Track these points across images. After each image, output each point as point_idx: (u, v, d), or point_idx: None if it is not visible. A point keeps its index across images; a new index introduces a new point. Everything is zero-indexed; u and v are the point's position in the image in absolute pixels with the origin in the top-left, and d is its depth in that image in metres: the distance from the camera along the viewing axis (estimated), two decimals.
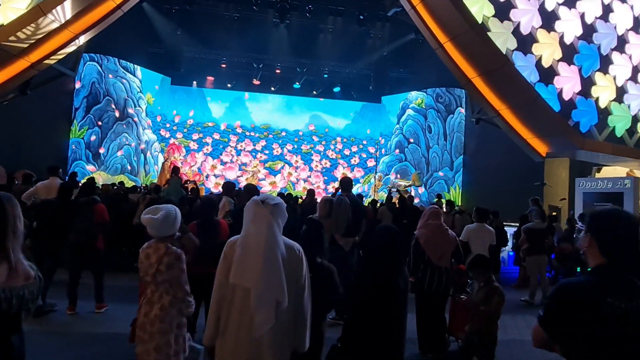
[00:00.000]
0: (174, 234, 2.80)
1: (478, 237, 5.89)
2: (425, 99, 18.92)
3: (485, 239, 5.96)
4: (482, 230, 5.96)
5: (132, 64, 17.84)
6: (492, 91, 10.33)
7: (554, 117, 10.05)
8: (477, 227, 5.96)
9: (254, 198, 2.37)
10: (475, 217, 6.17)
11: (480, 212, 6.10)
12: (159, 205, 2.77)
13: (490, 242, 6.04)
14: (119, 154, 17.37)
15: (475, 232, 5.90)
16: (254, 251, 2.19)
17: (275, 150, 21.02)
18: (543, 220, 7.33)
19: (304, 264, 2.37)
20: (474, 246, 5.83)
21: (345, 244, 5.07)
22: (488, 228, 6.08)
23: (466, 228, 6.01)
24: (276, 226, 2.28)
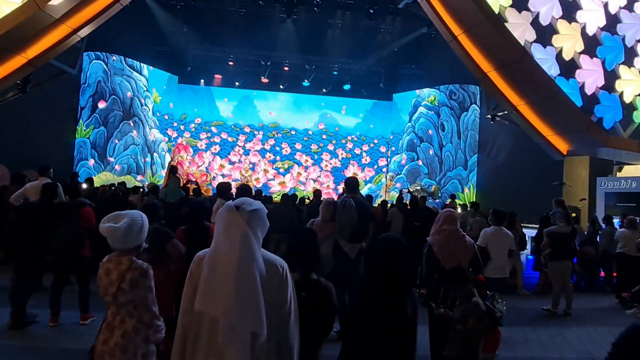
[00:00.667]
0: (140, 245, 2.36)
1: (497, 242, 5.39)
2: (438, 96, 18.34)
3: (504, 244, 5.47)
4: (501, 234, 5.47)
5: (139, 62, 17.55)
6: (510, 86, 9.77)
7: (576, 112, 9.46)
8: (495, 230, 5.46)
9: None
10: (492, 220, 5.67)
11: (497, 215, 5.59)
12: (123, 212, 2.33)
13: (509, 246, 5.55)
14: (125, 154, 17.09)
15: (493, 236, 5.40)
16: (225, 271, 1.74)
17: (284, 150, 20.60)
18: (568, 223, 6.78)
19: (289, 284, 1.92)
20: (494, 252, 5.33)
21: (350, 251, 4.61)
22: (506, 232, 5.58)
23: (484, 232, 5.51)
24: (254, 239, 1.82)
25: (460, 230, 3.95)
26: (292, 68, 18.38)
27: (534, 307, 7.32)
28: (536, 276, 8.86)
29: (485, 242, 5.34)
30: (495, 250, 5.30)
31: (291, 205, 8.03)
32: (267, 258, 1.89)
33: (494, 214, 5.67)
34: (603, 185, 13.42)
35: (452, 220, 3.95)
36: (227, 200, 5.32)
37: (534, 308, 7.11)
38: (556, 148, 10.40)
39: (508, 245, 5.50)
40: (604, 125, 10.00)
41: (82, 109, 16.29)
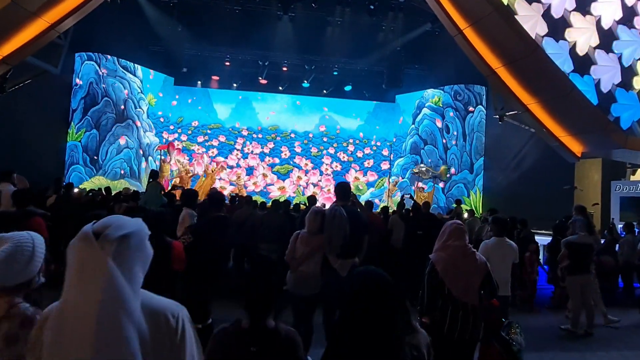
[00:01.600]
0: (30, 281, 1.71)
1: (498, 255, 4.73)
2: (443, 97, 17.67)
3: (507, 257, 4.82)
4: (503, 246, 4.81)
5: (133, 63, 17.01)
6: (520, 83, 9.10)
7: (592, 111, 8.77)
8: (497, 242, 4.80)
9: (82, 230, 1.27)
10: (494, 230, 5.00)
11: (498, 224, 4.92)
12: (5, 234, 1.69)
13: (513, 260, 4.90)
14: (118, 158, 16.51)
15: (495, 248, 4.73)
16: (79, 333, 1.10)
17: (283, 153, 19.97)
18: (590, 233, 6.08)
19: (188, 340, 1.27)
20: (495, 266, 4.66)
21: (341, 268, 3.95)
22: (509, 243, 4.92)
23: (484, 244, 4.83)
24: (124, 281, 1.18)
25: (469, 246, 3.28)
26: (291, 68, 17.76)
27: (550, 324, 6.63)
28: (550, 289, 8.16)
29: (485, 255, 4.68)
30: (497, 264, 4.63)
31: (283, 212, 7.38)
32: (151, 306, 1.25)
33: (495, 223, 5.00)
34: (618, 190, 12.72)
35: (459, 234, 3.29)
36: (194, 210, 4.70)
37: (551, 326, 6.41)
38: (570, 150, 9.70)
39: (511, 258, 4.86)
40: (621, 125, 9.30)
41: (73, 111, 15.76)
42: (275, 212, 7.04)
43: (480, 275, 3.23)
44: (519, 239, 8.34)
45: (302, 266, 4.03)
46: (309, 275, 4.03)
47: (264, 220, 6.95)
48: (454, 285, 3.15)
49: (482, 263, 3.25)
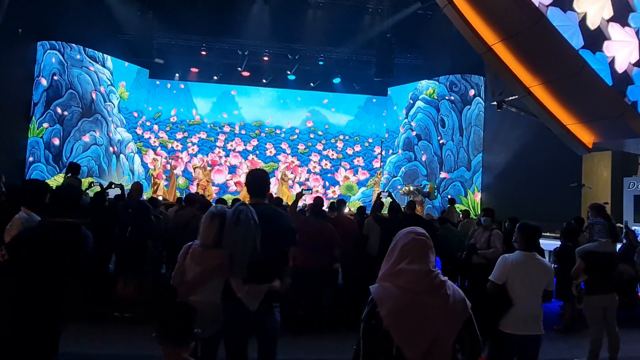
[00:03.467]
0: None
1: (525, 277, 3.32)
2: (438, 88, 16.33)
3: (538, 282, 3.34)
4: (533, 266, 3.36)
5: (101, 54, 15.72)
6: (520, 61, 7.76)
7: (606, 93, 7.42)
8: (524, 259, 3.37)
9: None
10: (519, 241, 3.45)
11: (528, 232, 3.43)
12: None
13: (547, 285, 3.40)
14: (85, 155, 15.21)
15: (520, 267, 3.33)
16: None
17: (268, 151, 18.66)
18: (614, 240, 4.73)
19: None
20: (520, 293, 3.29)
21: (249, 298, 2.60)
22: (541, 261, 3.43)
23: (502, 262, 3.41)
24: None
25: (436, 272, 1.94)
26: (273, 59, 16.43)
27: (560, 354, 5.30)
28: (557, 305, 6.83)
29: (504, 276, 3.32)
30: (523, 290, 3.28)
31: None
32: None
33: (523, 231, 3.47)
34: (631, 187, 11.42)
35: (419, 250, 1.96)
36: (34, 211, 3.34)
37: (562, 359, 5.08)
38: (579, 140, 8.33)
39: (544, 283, 3.38)
40: (639, 110, 7.93)
41: (35, 104, 14.48)
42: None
43: (455, 323, 1.89)
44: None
45: (194, 294, 2.72)
46: (205, 308, 2.71)
47: (187, 223, 5.63)
48: (407, 340, 1.81)
49: (458, 301, 1.91)
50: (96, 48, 15.39)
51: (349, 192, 18.51)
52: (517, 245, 3.44)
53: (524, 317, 3.24)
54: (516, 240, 3.46)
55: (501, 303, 3.24)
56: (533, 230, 3.47)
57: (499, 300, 3.26)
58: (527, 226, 3.49)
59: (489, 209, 6.63)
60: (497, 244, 5.98)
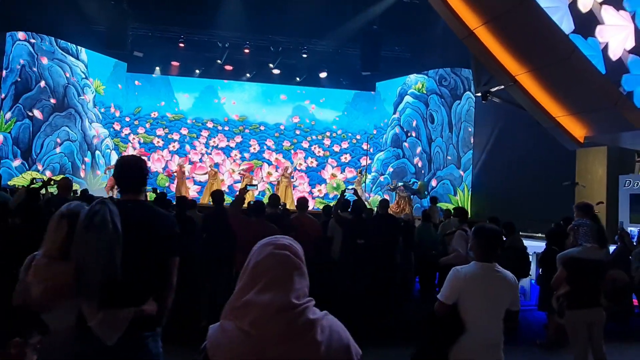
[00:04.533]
0: None
1: (482, 294, 2.64)
2: (427, 83, 15.65)
3: (498, 298, 2.66)
4: (491, 278, 2.65)
5: (75, 45, 15.02)
6: (505, 47, 7.11)
7: (599, 81, 6.77)
8: (482, 272, 2.65)
9: None
10: (476, 248, 2.75)
11: (485, 238, 2.72)
12: None
13: (509, 304, 2.69)
14: (57, 151, 14.53)
15: (476, 282, 2.65)
16: None
17: (252, 147, 17.99)
18: (602, 245, 4.06)
19: None
20: (477, 313, 2.62)
21: (103, 329, 1.91)
22: (503, 274, 2.68)
23: (455, 273, 2.69)
24: None
25: (303, 306, 1.26)
26: (255, 51, 15.74)
27: None
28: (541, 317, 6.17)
29: (454, 294, 2.65)
30: (479, 312, 2.60)
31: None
32: None
33: (480, 236, 2.75)
34: (627, 185, 10.77)
35: (277, 271, 1.28)
36: None
37: None
38: (569, 134, 7.68)
39: (507, 301, 2.68)
40: (635, 102, 7.27)
41: (2, 98, 13.78)
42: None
43: None
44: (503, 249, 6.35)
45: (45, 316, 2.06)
46: (56, 337, 2.04)
47: None
48: None
49: (336, 349, 1.23)
50: (69, 39, 14.71)
51: (336, 190, 17.83)
52: (474, 254, 2.76)
53: (480, 346, 2.56)
54: (472, 248, 2.78)
55: (451, 328, 2.58)
56: (492, 235, 2.76)
57: (448, 325, 2.60)
58: (484, 230, 2.77)
59: (459, 209, 5.94)
60: (459, 247, 5.27)
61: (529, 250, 7.43)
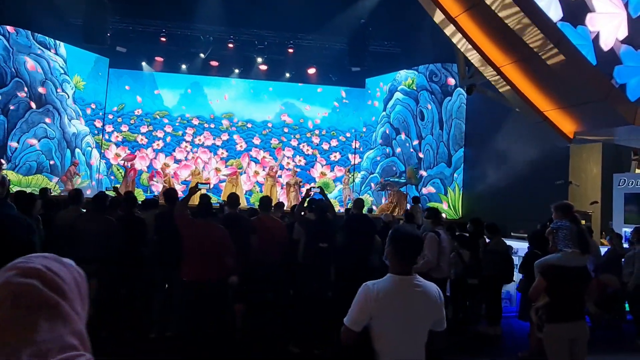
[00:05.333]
0: None
1: (400, 314, 2.15)
2: (417, 79, 15.19)
3: (420, 318, 2.18)
4: (412, 296, 2.17)
5: (53, 40, 14.53)
6: (488, 35, 6.64)
7: (589, 72, 6.30)
8: (398, 286, 2.17)
9: None
10: (392, 256, 2.24)
11: (401, 242, 2.23)
12: None
13: (433, 324, 2.22)
14: (34, 149, 14.05)
15: (392, 298, 2.15)
16: None
17: (239, 145, 17.51)
18: (584, 249, 3.56)
19: None
20: (389, 344, 2.12)
21: None
22: (426, 288, 2.20)
23: (363, 291, 2.20)
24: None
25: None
26: (240, 46, 15.24)
27: None
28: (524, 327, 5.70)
29: (364, 317, 2.14)
30: (395, 336, 2.11)
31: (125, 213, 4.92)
32: None
33: (396, 242, 2.25)
34: (622, 184, 10.33)
35: (12, 313, 0.81)
36: None
37: None
38: (558, 129, 7.20)
39: (429, 320, 2.20)
40: (628, 95, 6.80)
41: None
42: (98, 213, 4.55)
43: None
44: (485, 252, 5.91)
45: None
46: None
47: (78, 227, 4.48)
48: None
49: None
50: (47, 33, 14.21)
51: (325, 189, 17.36)
52: (389, 263, 2.26)
53: None
54: (387, 256, 2.28)
55: (361, 357, 2.11)
56: (411, 239, 2.24)
57: (357, 354, 2.13)
58: (400, 234, 2.26)
59: (431, 209, 5.46)
60: (429, 253, 4.78)
61: (520, 252, 6.99)
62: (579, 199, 11.32)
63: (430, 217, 5.11)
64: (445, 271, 4.84)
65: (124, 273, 4.72)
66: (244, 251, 4.99)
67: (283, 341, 5.08)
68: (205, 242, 4.15)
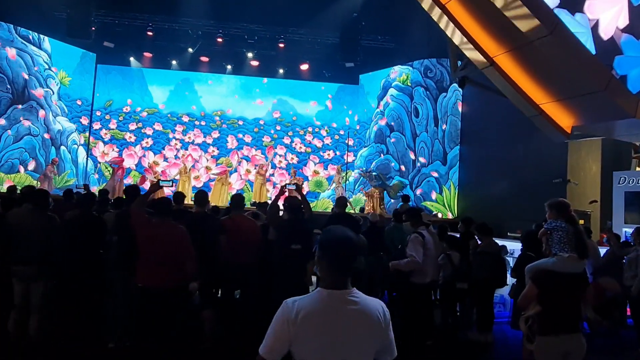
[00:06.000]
0: None
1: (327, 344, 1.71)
2: (411, 74, 14.78)
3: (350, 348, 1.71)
4: (344, 316, 1.72)
5: (37, 34, 14.11)
6: (480, 22, 6.24)
7: (588, 61, 5.91)
8: (326, 304, 1.74)
9: None
10: (325, 266, 1.80)
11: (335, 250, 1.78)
12: None
13: (374, 352, 1.77)
14: (17, 147, 13.64)
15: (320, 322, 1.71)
16: None
17: (230, 143, 17.10)
18: (581, 253, 3.13)
19: None
20: None
21: None
22: (363, 305, 1.75)
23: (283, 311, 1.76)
24: None
25: None
26: (229, 41, 14.82)
27: None
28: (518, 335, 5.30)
29: (282, 344, 1.72)
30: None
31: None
32: None
33: (327, 249, 1.81)
34: (622, 183, 9.91)
35: None
36: None
37: None
38: (555, 123, 6.81)
39: (370, 346, 1.75)
40: (629, 87, 6.40)
41: None
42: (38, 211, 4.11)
43: None
44: (475, 254, 5.51)
45: None
46: None
47: (17, 225, 4.06)
48: None
49: None
50: (30, 27, 13.79)
51: (318, 188, 17.00)
52: (320, 274, 1.83)
53: None
54: (317, 266, 1.85)
55: None
56: (344, 244, 1.78)
57: None
58: (332, 238, 1.81)
59: (410, 210, 5.02)
60: (413, 252, 4.36)
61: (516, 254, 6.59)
62: (578, 198, 10.93)
63: (410, 219, 4.65)
64: (428, 275, 4.43)
65: (78, 277, 4.32)
66: (211, 253, 4.60)
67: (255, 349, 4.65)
68: (161, 244, 3.75)
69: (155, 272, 3.71)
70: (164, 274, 3.71)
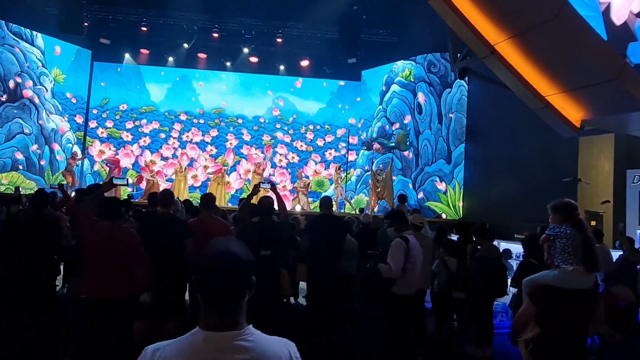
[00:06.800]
0: None
1: None
2: (414, 70, 14.24)
3: None
4: None
5: (30, 30, 13.80)
6: (481, 8, 5.71)
7: (599, 47, 5.36)
8: (203, 349, 1.26)
9: None
10: (203, 298, 1.33)
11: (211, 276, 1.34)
12: None
13: None
14: (9, 145, 13.34)
15: None
16: None
17: (229, 142, 16.69)
18: (589, 266, 2.58)
19: None
20: None
21: None
22: (252, 352, 1.23)
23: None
24: None
25: None
26: (227, 36, 14.39)
27: None
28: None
29: None
30: None
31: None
32: None
33: (200, 271, 1.38)
34: (636, 181, 9.38)
35: None
36: None
37: None
38: (563, 116, 6.25)
39: None
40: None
41: None
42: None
43: None
44: (473, 260, 5.00)
45: None
46: None
47: None
48: None
49: None
50: (22, 24, 13.48)
51: (320, 188, 16.51)
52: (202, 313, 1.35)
53: None
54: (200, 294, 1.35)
55: None
56: (223, 268, 1.32)
57: None
58: (207, 260, 1.34)
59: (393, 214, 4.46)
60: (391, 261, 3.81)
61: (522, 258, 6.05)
62: (589, 198, 10.39)
63: (393, 224, 4.11)
64: (413, 286, 3.93)
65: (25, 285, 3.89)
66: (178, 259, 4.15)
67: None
68: (108, 250, 3.29)
69: (98, 281, 3.26)
70: (110, 284, 3.26)
